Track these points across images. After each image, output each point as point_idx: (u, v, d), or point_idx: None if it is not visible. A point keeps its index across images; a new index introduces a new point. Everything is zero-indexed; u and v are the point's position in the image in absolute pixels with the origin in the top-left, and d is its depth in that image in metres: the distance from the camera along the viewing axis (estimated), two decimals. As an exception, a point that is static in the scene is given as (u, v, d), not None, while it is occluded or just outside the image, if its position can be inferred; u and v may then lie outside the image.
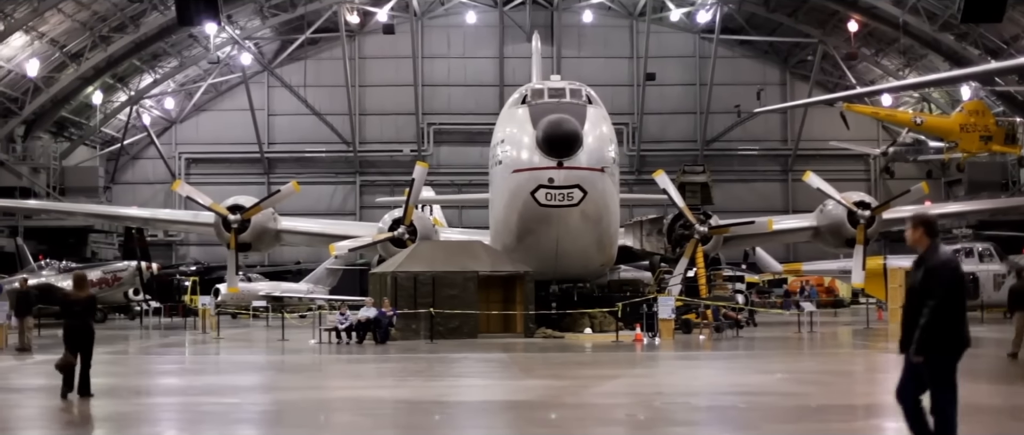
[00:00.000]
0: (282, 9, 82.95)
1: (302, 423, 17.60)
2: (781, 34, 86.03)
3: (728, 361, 32.07)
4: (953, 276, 11.76)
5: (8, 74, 71.91)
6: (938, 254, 11.89)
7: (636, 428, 17.02)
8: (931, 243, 11.96)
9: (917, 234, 12.02)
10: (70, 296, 22.80)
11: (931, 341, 11.65)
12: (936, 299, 11.66)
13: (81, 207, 66.49)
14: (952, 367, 11.81)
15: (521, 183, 40.57)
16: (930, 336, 11.60)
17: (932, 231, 12.02)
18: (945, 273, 11.73)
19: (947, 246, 11.66)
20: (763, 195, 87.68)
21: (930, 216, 12.29)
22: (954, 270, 11.79)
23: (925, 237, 11.98)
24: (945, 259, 11.81)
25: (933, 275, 11.78)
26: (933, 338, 11.63)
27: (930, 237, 11.98)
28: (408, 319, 40.57)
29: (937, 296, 11.67)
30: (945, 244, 15.91)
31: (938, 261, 11.83)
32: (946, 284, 11.69)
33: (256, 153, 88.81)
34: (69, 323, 21.78)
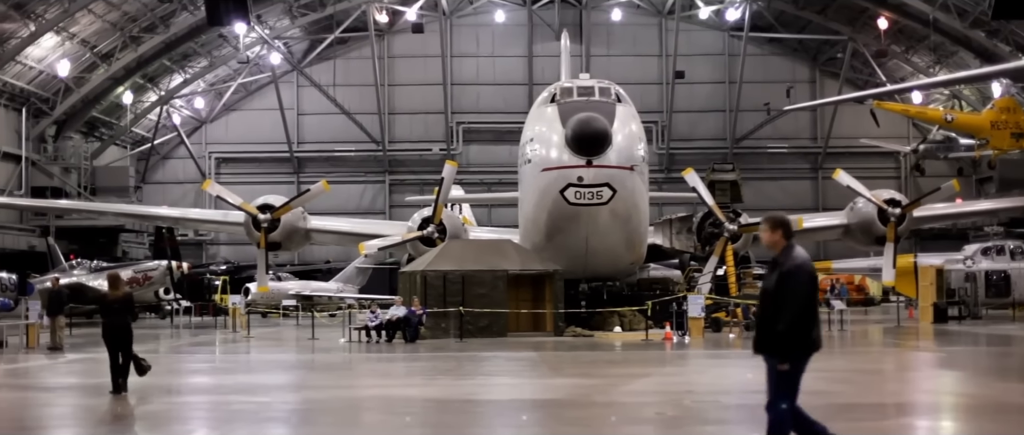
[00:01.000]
0: (311, 9, 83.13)
1: (332, 422, 17.64)
2: (810, 31, 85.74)
3: (758, 360, 31.92)
4: (807, 279, 11.62)
5: (39, 75, 72.27)
6: (793, 257, 11.75)
7: (666, 427, 17.01)
8: (787, 245, 11.82)
9: (776, 236, 11.87)
10: (107, 296, 22.98)
11: (789, 344, 11.62)
12: (795, 304, 11.56)
13: (112, 207, 66.68)
14: (801, 368, 11.80)
15: (550, 182, 40.58)
16: (793, 339, 11.57)
17: (789, 233, 11.90)
18: (799, 276, 11.60)
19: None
20: (793, 193, 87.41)
21: (786, 217, 12.13)
22: (809, 273, 11.65)
23: (783, 239, 11.85)
24: (799, 263, 11.67)
25: (788, 278, 11.66)
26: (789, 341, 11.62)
27: (787, 239, 11.86)
28: (438, 318, 40.59)
29: (795, 300, 11.56)
30: (979, 242, 15.85)
31: (793, 264, 11.69)
32: (799, 287, 11.56)
33: (286, 152, 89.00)
34: (107, 322, 22.02)
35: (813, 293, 11.61)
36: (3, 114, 72.13)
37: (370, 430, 17.25)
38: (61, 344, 36.97)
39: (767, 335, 11.80)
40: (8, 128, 72.71)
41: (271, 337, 46.73)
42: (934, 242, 69.61)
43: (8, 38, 65.94)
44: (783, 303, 11.59)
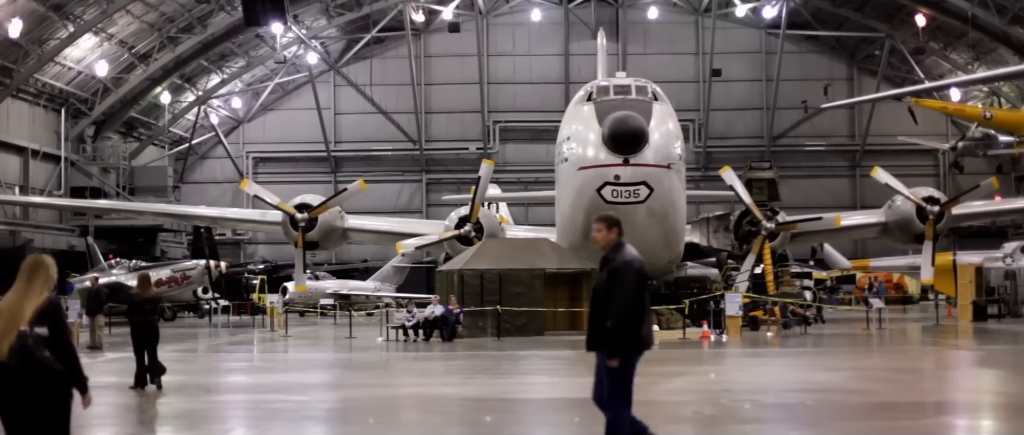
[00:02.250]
0: (348, 8, 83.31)
1: (370, 421, 17.67)
2: (848, 29, 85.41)
3: (796, 358, 31.90)
4: (635, 276, 11.60)
5: (78, 75, 72.66)
6: (621, 255, 11.74)
7: (703, 425, 16.98)
8: (618, 242, 11.83)
9: (611, 234, 11.89)
10: (135, 296, 23.27)
11: (619, 341, 11.57)
12: (621, 300, 11.54)
13: (150, 206, 67.05)
14: (632, 365, 11.73)
15: (587, 180, 40.60)
16: (621, 336, 11.53)
17: (622, 232, 11.94)
18: (627, 273, 11.58)
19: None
20: (831, 191, 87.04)
21: (617, 217, 12.21)
22: (637, 271, 11.63)
23: (616, 236, 11.86)
24: (628, 260, 11.66)
25: (616, 275, 11.64)
26: (619, 338, 11.56)
27: (619, 236, 11.87)
28: (475, 317, 40.63)
29: (622, 297, 11.54)
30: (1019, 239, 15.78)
31: (622, 261, 11.68)
32: (628, 284, 11.53)
33: (323, 152, 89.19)
34: (135, 321, 22.28)
35: (641, 289, 11.63)
36: (42, 115, 72.53)
37: (408, 429, 17.27)
38: (100, 343, 37.18)
39: (597, 332, 11.79)
40: (47, 129, 73.12)
41: (308, 336, 46.84)
42: (973, 240, 69.22)
43: (47, 39, 66.32)
44: (612, 300, 11.59)
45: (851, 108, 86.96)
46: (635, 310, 11.50)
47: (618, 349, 11.54)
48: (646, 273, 11.71)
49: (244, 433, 17.10)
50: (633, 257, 11.65)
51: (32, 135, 71.02)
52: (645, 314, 11.68)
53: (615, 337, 11.53)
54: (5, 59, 64.47)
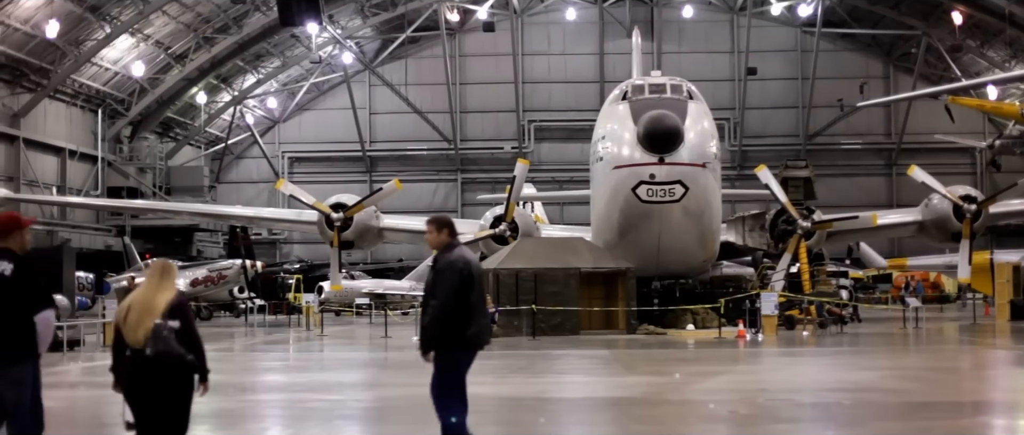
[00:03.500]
0: (383, 8, 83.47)
1: (405, 420, 17.69)
2: (884, 26, 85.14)
3: (832, 357, 31.80)
4: (457, 276, 11.87)
5: (115, 76, 73.03)
6: (448, 255, 12.06)
7: (739, 425, 16.94)
8: (449, 243, 12.16)
9: (442, 236, 12.21)
10: None
11: (437, 338, 11.89)
12: (438, 299, 11.88)
13: (187, 206, 67.35)
14: (458, 364, 12.06)
15: (622, 179, 40.56)
16: (434, 334, 11.86)
17: (453, 232, 12.26)
18: (449, 274, 11.88)
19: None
20: (867, 190, 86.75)
21: (449, 219, 12.55)
22: (459, 271, 11.90)
23: (447, 237, 12.19)
24: (452, 261, 11.96)
25: (439, 275, 12.00)
26: (438, 336, 11.88)
27: (450, 237, 12.19)
28: (510, 316, 40.64)
29: (439, 296, 11.87)
30: None
31: (446, 261, 12.01)
32: (448, 285, 11.82)
33: (358, 151, 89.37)
34: None
35: (463, 290, 11.89)
36: (79, 115, 72.93)
37: (443, 428, 17.28)
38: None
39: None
40: (84, 129, 73.52)
41: (344, 335, 46.90)
42: (1010, 238, 68.76)
43: (84, 40, 66.66)
44: (433, 299, 11.99)
45: (887, 106, 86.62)
46: (452, 309, 11.80)
47: (432, 345, 11.95)
48: (472, 274, 11.98)
49: (280, 432, 17.14)
50: (458, 258, 12.04)
51: (69, 136, 71.42)
52: (472, 314, 11.99)
53: (429, 333, 11.97)
54: (42, 60, 64.85)
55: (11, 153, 65.66)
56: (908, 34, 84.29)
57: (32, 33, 61.87)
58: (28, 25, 61.22)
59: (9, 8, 58.53)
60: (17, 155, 65.74)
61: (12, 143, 65.63)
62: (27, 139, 66.46)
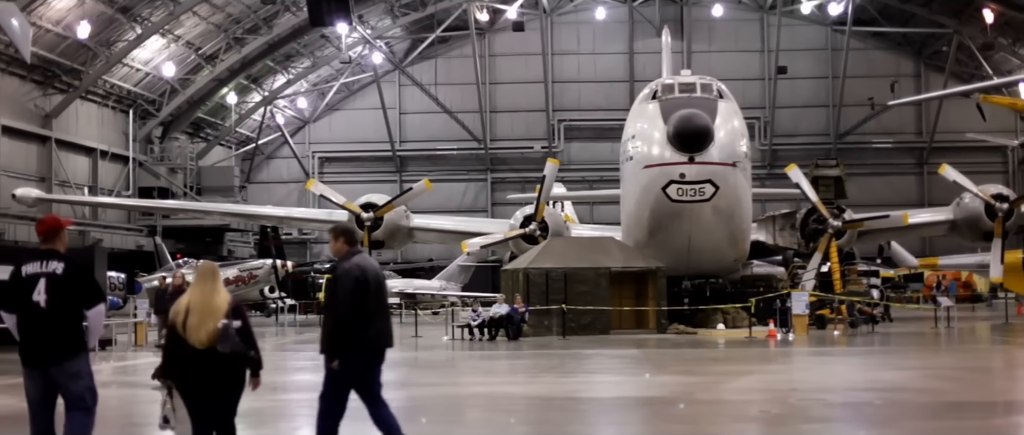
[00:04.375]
0: (412, 8, 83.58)
1: (436, 419, 17.71)
2: (915, 25, 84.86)
3: (863, 357, 31.69)
4: (351, 282, 12.12)
5: (146, 77, 73.34)
6: (345, 263, 12.34)
7: (770, 424, 16.89)
8: (348, 251, 12.44)
9: (339, 243, 12.50)
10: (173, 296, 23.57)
11: (333, 344, 12.15)
12: (334, 306, 12.20)
13: (217, 206, 67.51)
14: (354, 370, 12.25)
15: (652, 178, 40.55)
16: (331, 339, 12.10)
17: (351, 241, 12.55)
18: (345, 281, 12.13)
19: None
20: (898, 189, 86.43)
21: (349, 227, 13.07)
22: (354, 278, 12.14)
23: (345, 246, 12.48)
24: (347, 268, 12.23)
25: (336, 282, 12.28)
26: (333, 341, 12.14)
27: (349, 246, 12.49)
28: (540, 315, 40.65)
29: (335, 303, 12.19)
30: None
31: (342, 269, 12.29)
32: (343, 291, 12.07)
33: (388, 151, 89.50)
34: None
35: (358, 295, 12.13)
36: (111, 116, 73.24)
37: (474, 427, 17.29)
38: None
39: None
40: (116, 129, 73.83)
41: (375, 335, 46.85)
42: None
43: (115, 41, 66.93)
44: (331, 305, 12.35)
45: (918, 105, 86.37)
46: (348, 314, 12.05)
47: (329, 350, 12.19)
48: (367, 280, 12.21)
49: (311, 431, 17.15)
50: (353, 265, 12.30)
51: (101, 136, 71.75)
52: (370, 318, 12.22)
53: (328, 340, 12.19)
54: (74, 61, 65.17)
55: (43, 153, 65.97)
56: (939, 32, 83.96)
57: (64, 34, 62.20)
58: (60, 26, 61.54)
59: (41, 9, 58.83)
60: (49, 155, 66.05)
61: (44, 144, 65.96)
62: (59, 140, 66.79)
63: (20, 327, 10.86)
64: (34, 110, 64.81)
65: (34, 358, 10.83)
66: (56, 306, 10.76)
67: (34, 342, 10.80)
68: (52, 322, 10.78)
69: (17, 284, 10.81)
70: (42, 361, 10.81)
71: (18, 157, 63.58)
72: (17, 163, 63.32)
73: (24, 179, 62.20)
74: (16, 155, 63.34)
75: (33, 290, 10.74)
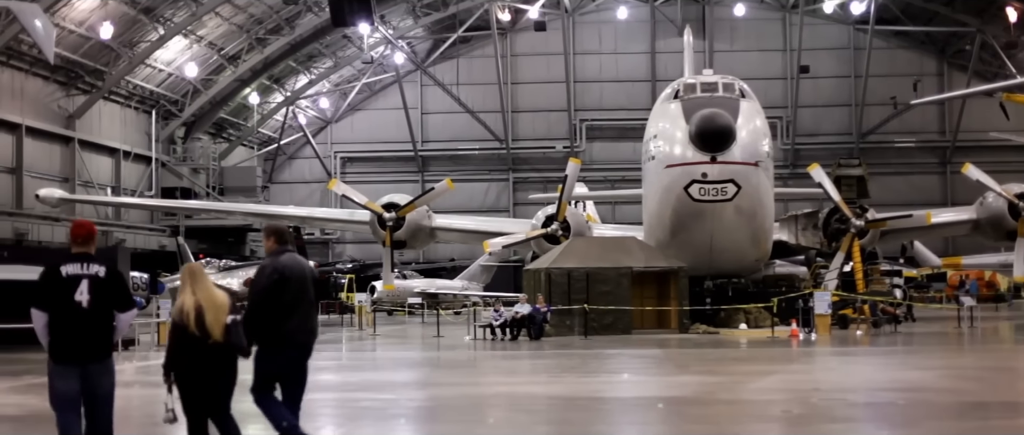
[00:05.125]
0: (434, 8, 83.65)
1: (458, 419, 17.72)
2: (938, 24, 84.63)
3: (886, 357, 31.60)
4: (265, 279, 12.50)
5: (168, 77, 73.54)
6: (265, 260, 12.81)
7: (792, 424, 16.87)
8: (276, 250, 12.83)
9: (270, 242, 12.92)
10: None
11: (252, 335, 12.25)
12: (250, 300, 12.56)
13: (240, 206, 67.67)
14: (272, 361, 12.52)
15: (674, 178, 40.51)
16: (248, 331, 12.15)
17: (281, 240, 12.95)
18: (259, 277, 12.59)
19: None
20: (921, 188, 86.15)
21: (279, 227, 13.34)
22: (268, 275, 12.51)
23: (275, 244, 12.89)
24: (263, 265, 12.72)
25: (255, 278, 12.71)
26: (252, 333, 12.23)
27: (280, 244, 12.89)
28: (562, 315, 40.65)
29: (251, 297, 12.58)
30: None
31: (260, 267, 12.78)
32: (256, 287, 12.49)
33: (410, 151, 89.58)
34: None
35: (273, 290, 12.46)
36: (133, 116, 73.45)
37: (496, 427, 17.29)
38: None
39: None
40: (138, 130, 74.03)
41: (397, 335, 47.01)
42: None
43: (138, 42, 67.12)
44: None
45: (941, 104, 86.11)
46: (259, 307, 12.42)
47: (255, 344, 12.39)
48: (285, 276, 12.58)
49: (333, 431, 17.20)
50: (270, 262, 12.72)
51: (123, 136, 71.97)
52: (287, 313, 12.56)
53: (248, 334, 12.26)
54: (97, 62, 65.38)
55: (66, 154, 66.19)
56: (962, 31, 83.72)
57: (87, 35, 62.40)
58: (83, 27, 61.74)
59: (64, 11, 59.03)
60: (72, 156, 66.27)
61: (67, 144, 66.18)
62: (82, 140, 67.00)
63: (55, 326, 11.08)
64: (57, 111, 65.03)
65: (74, 356, 11.11)
66: (98, 307, 11.13)
67: (75, 341, 11.11)
68: (94, 322, 11.15)
69: (56, 284, 11.06)
70: (83, 359, 11.14)
71: (42, 158, 63.78)
72: (41, 164, 63.53)
73: (48, 179, 62.42)
74: (40, 156, 63.55)
75: (75, 290, 11.05)
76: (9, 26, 54.46)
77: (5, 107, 59.99)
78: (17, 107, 60.95)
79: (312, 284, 12.99)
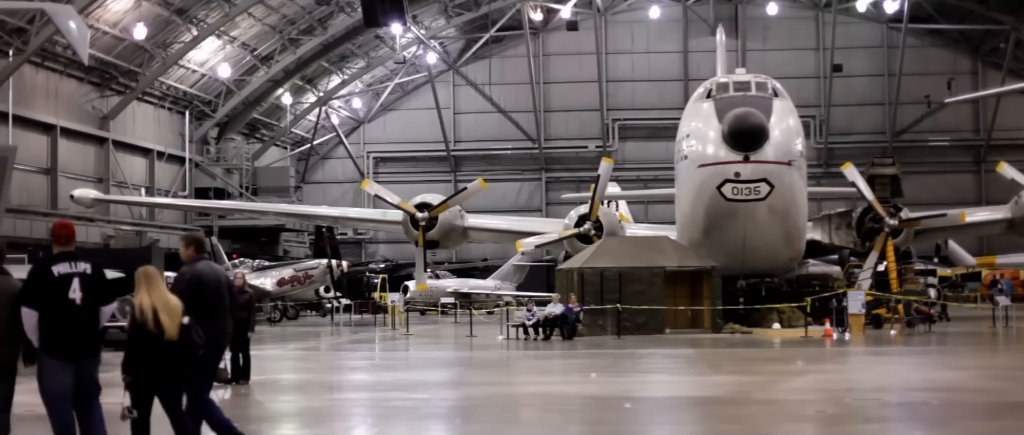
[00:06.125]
0: (466, 8, 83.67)
1: (491, 419, 17.74)
2: (972, 21, 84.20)
3: (920, 357, 31.50)
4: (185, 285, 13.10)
5: (202, 78, 73.78)
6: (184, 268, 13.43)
7: (826, 424, 16.81)
8: (194, 258, 13.51)
9: (189, 251, 13.60)
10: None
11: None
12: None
13: (273, 207, 67.83)
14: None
15: (707, 178, 40.41)
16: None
17: (199, 248, 13.71)
18: (178, 284, 13.18)
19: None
20: (955, 187, 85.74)
21: (198, 236, 14.26)
22: (187, 281, 13.20)
23: (193, 253, 13.58)
24: (182, 272, 13.37)
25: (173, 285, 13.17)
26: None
27: (197, 252, 13.61)
28: (595, 315, 40.61)
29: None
30: None
31: (179, 274, 13.40)
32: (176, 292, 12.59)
33: (442, 151, 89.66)
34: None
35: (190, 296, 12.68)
36: (167, 117, 73.73)
37: (529, 427, 17.29)
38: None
39: None
40: (172, 130, 74.32)
41: (429, 334, 47.03)
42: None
43: (171, 43, 67.37)
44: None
45: (975, 102, 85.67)
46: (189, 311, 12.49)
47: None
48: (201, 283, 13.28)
49: (366, 431, 17.23)
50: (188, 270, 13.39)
51: (157, 137, 72.25)
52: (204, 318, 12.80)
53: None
54: (131, 63, 65.66)
55: (101, 155, 66.51)
56: (996, 29, 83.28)
57: (120, 36, 62.68)
58: (116, 28, 62.01)
59: (98, 12, 59.29)
60: (106, 157, 66.57)
61: (101, 145, 66.49)
62: (116, 141, 67.30)
63: (50, 323, 11.47)
64: (91, 112, 65.34)
65: (70, 351, 11.56)
66: (88, 303, 11.65)
67: (71, 337, 11.54)
68: (87, 318, 11.66)
69: (49, 283, 11.52)
70: (79, 354, 11.63)
71: (76, 158, 64.09)
72: (75, 164, 63.83)
73: (82, 180, 62.71)
74: (74, 156, 63.85)
75: (69, 289, 11.57)
76: (44, 28, 54.75)
77: (40, 108, 60.32)
78: (52, 108, 61.28)
79: (227, 290, 13.67)
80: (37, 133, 60.59)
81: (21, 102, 58.22)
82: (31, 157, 59.30)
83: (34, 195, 59.52)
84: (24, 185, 57.49)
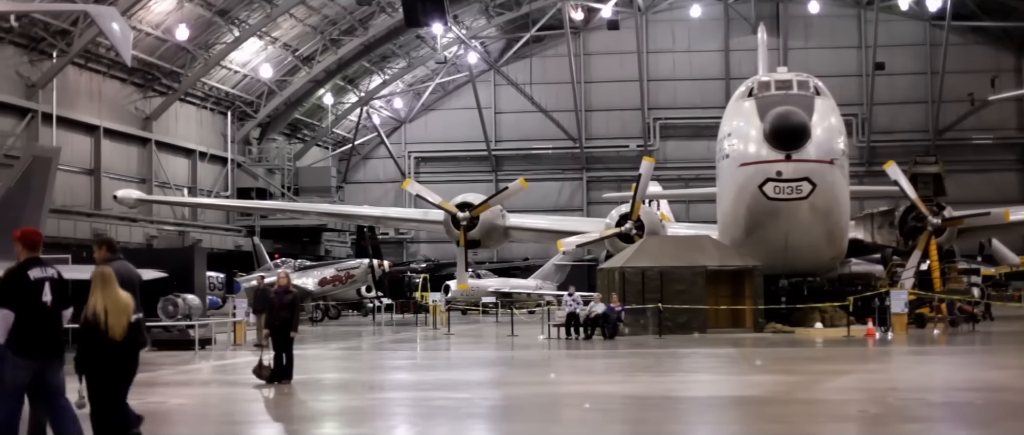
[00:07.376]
0: (507, 8, 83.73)
1: (533, 418, 17.74)
2: (1015, 18, 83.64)
3: (964, 356, 31.32)
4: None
5: (244, 79, 74.11)
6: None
7: (869, 424, 16.73)
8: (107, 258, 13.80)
9: (101, 252, 14.00)
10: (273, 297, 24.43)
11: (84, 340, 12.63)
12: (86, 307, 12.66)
13: (314, 207, 68.06)
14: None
15: (749, 176, 40.29)
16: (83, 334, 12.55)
17: (111, 248, 14.15)
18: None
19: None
20: (998, 185, 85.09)
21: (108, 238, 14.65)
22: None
23: (107, 253, 13.97)
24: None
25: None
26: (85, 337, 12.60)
27: (110, 253, 14.01)
28: (636, 314, 40.59)
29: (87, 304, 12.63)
30: None
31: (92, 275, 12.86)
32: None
33: (483, 151, 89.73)
34: (272, 319, 23.45)
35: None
36: (209, 117, 74.10)
37: (570, 426, 17.29)
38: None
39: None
40: (214, 131, 74.67)
41: (471, 334, 47.06)
42: None
43: (213, 44, 67.68)
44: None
45: (1020, 100, 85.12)
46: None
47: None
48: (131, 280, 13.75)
49: (407, 430, 17.26)
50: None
51: (200, 138, 72.63)
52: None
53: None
54: (173, 64, 66.02)
55: (144, 155, 66.90)
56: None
57: (163, 37, 63.05)
58: (159, 30, 62.38)
59: (140, 13, 59.65)
60: (149, 157, 66.95)
61: (144, 145, 66.88)
62: (159, 141, 67.70)
63: (23, 324, 11.93)
64: (135, 113, 65.74)
65: (40, 352, 12.08)
66: (57, 306, 12.27)
67: (42, 338, 12.13)
68: (56, 320, 12.36)
69: (24, 286, 12.05)
70: (48, 354, 12.18)
71: (119, 159, 64.49)
72: (118, 165, 64.23)
73: (125, 181, 63.13)
74: (117, 157, 64.25)
75: (42, 292, 12.17)
76: (87, 29, 55.14)
77: (83, 109, 60.72)
78: (95, 109, 61.69)
79: (139, 290, 13.90)
80: (81, 134, 61.01)
81: (65, 103, 58.66)
82: (75, 158, 59.72)
83: (78, 195, 59.91)
84: (68, 186, 57.89)
